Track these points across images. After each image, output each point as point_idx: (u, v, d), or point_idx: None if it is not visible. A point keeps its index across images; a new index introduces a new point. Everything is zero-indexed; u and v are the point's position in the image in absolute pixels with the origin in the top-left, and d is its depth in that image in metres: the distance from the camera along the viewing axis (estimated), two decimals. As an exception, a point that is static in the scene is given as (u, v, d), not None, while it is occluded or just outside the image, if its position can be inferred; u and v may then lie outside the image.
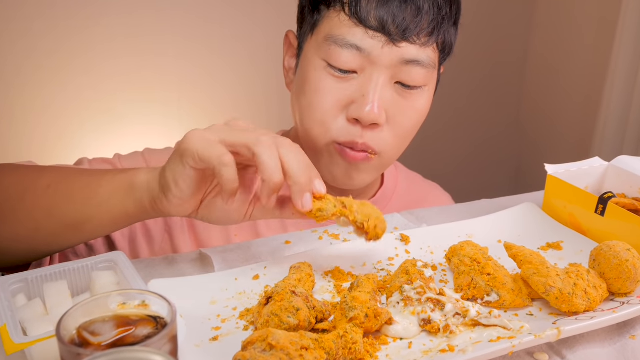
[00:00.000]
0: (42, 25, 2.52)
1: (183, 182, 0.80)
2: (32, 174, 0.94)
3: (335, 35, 1.03)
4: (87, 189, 0.88)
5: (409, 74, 1.05)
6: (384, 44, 1.02)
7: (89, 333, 0.58)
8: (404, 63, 1.04)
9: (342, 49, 1.03)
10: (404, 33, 1.01)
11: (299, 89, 1.11)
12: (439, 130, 3.39)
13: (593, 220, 0.96)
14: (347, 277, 0.88)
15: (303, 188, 0.77)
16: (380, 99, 1.03)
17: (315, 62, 1.07)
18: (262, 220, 1.17)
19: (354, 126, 1.06)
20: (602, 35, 2.93)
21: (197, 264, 0.94)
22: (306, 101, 1.08)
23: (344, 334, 0.68)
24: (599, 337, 0.76)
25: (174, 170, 0.80)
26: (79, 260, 0.80)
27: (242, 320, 0.77)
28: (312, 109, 1.07)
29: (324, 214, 0.79)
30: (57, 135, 2.69)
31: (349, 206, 0.81)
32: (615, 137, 2.81)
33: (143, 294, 0.62)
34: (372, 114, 1.02)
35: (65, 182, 0.90)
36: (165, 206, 0.83)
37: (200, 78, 2.86)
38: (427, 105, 1.12)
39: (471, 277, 0.81)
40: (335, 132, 1.07)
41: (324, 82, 1.06)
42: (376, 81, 1.03)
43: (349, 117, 1.05)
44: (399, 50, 1.02)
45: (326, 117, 1.06)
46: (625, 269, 0.79)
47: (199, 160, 0.76)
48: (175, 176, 0.80)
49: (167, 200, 0.82)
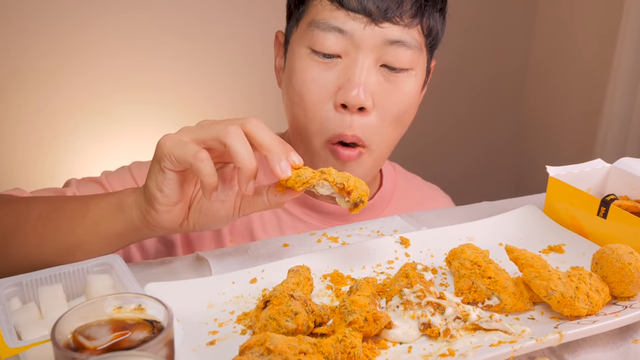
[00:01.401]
0: (38, 26, 2.52)
1: (167, 187, 0.82)
2: (23, 206, 0.95)
3: (318, 20, 1.05)
4: (75, 216, 0.90)
5: (394, 54, 1.05)
6: (366, 25, 1.03)
7: (85, 337, 0.58)
8: (388, 44, 1.04)
9: (325, 32, 1.04)
10: (385, 13, 1.02)
11: (287, 82, 1.12)
12: (441, 134, 3.41)
13: (595, 223, 0.96)
14: (346, 281, 0.88)
15: (279, 155, 0.81)
16: (366, 82, 1.04)
17: (300, 51, 1.08)
18: (258, 226, 1.18)
19: (342, 115, 1.06)
20: (604, 37, 2.93)
21: (194, 268, 0.94)
22: (294, 93, 1.09)
23: (343, 338, 0.68)
24: (601, 342, 0.76)
25: (155, 178, 0.82)
26: (74, 263, 0.80)
27: (239, 324, 0.77)
28: (302, 101, 1.08)
29: (302, 179, 0.82)
30: (52, 137, 2.69)
31: (327, 171, 0.84)
32: (617, 138, 2.81)
33: (139, 297, 0.62)
34: (358, 98, 1.03)
35: (54, 212, 0.92)
36: (155, 217, 0.85)
37: (197, 79, 2.86)
38: (416, 91, 1.11)
39: (472, 281, 0.82)
40: (326, 125, 1.07)
41: (309, 70, 1.07)
42: (361, 64, 1.04)
43: (336, 104, 1.06)
44: (382, 30, 1.03)
45: (316, 108, 1.07)
46: (628, 272, 0.79)
47: (176, 162, 0.80)
48: (157, 184, 0.82)
49: (155, 211, 0.84)
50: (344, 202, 0.86)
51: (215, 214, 0.89)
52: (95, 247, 0.89)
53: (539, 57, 3.44)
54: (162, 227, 0.87)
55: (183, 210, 0.87)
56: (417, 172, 1.43)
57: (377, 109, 1.07)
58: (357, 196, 0.85)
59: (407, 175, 1.40)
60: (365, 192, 0.86)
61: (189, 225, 0.89)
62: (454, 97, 3.40)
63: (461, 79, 3.38)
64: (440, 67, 1.31)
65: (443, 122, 3.42)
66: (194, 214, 0.88)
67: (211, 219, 0.89)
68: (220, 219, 0.89)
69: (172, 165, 0.80)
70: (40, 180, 2.69)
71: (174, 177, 0.82)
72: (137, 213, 0.86)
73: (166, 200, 0.83)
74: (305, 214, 1.20)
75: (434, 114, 3.31)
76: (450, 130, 3.50)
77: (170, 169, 0.81)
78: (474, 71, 3.43)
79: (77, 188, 1.10)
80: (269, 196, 0.87)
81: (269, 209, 0.90)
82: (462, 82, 3.39)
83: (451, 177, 3.14)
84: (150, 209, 0.85)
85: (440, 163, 3.48)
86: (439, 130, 3.43)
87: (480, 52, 3.40)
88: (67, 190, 1.09)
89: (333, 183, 0.84)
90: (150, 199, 0.84)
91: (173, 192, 0.83)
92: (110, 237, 0.89)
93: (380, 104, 1.07)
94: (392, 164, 1.36)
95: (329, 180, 0.84)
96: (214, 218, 0.89)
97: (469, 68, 3.39)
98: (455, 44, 3.25)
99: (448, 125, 3.47)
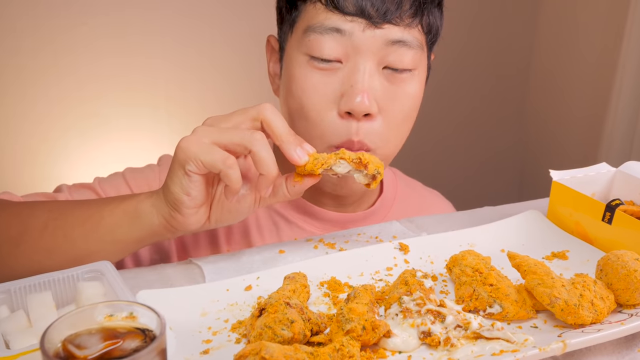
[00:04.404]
0: (25, 25, 2.52)
1: (194, 190, 0.86)
2: (26, 213, 0.96)
3: (314, 25, 1.03)
4: (88, 224, 0.92)
5: (396, 55, 1.04)
6: (365, 27, 1.01)
7: (75, 346, 0.58)
8: (389, 44, 1.03)
9: (323, 35, 1.02)
10: (385, 15, 1.01)
11: (286, 91, 1.10)
12: (443, 138, 3.42)
13: (600, 229, 0.97)
14: (344, 288, 0.88)
15: (294, 144, 0.87)
16: (369, 87, 1.03)
17: (298, 58, 1.06)
18: (256, 233, 1.18)
19: (347, 121, 1.04)
20: (609, 38, 2.94)
21: (187, 274, 0.94)
22: (295, 103, 1.07)
23: (341, 347, 0.68)
24: (606, 351, 0.77)
25: (180, 183, 0.86)
26: (64, 270, 0.80)
27: (234, 332, 0.77)
28: (303, 109, 1.06)
29: (319, 160, 0.89)
30: (40, 140, 2.69)
31: (341, 151, 0.91)
32: (623, 141, 2.81)
33: (131, 305, 0.62)
34: (362, 105, 1.01)
35: (63, 219, 0.94)
36: (181, 221, 0.89)
37: (189, 80, 2.86)
38: (419, 92, 1.11)
39: (473, 288, 0.82)
40: (330, 135, 1.06)
41: (309, 78, 1.05)
42: (363, 69, 1.03)
43: (340, 112, 1.04)
44: (382, 31, 1.02)
45: (319, 116, 1.05)
46: (633, 280, 0.79)
47: (202, 167, 0.83)
48: (184, 188, 0.86)
49: (182, 215, 0.88)
50: (362, 177, 0.92)
51: (238, 209, 0.93)
52: (109, 254, 0.92)
53: (542, 60, 3.45)
54: (186, 229, 0.90)
55: (207, 210, 0.91)
56: (419, 176, 1.44)
57: (382, 113, 1.05)
58: (374, 168, 0.91)
59: (408, 180, 1.39)
60: (380, 164, 0.92)
61: (211, 223, 0.93)
62: (457, 100, 3.42)
63: (464, 81, 3.39)
64: (443, 70, 1.32)
65: (445, 126, 3.43)
66: (215, 212, 0.92)
67: (233, 214, 0.93)
68: (241, 213, 0.94)
69: (198, 169, 0.84)
70: (30, 184, 2.69)
71: (199, 180, 0.86)
72: (159, 219, 0.90)
73: (193, 203, 0.87)
74: (304, 221, 1.19)
75: (436, 117, 3.32)
76: (453, 134, 3.51)
77: (196, 172, 0.84)
78: (476, 74, 3.44)
79: (70, 194, 1.10)
80: (288, 187, 0.92)
81: (289, 199, 0.94)
82: (464, 84, 3.40)
83: (453, 181, 3.15)
84: (175, 214, 0.88)
85: (442, 167, 3.49)
86: (441, 134, 3.44)
87: (483, 55, 3.42)
88: (58, 195, 1.09)
89: (349, 160, 0.90)
90: (176, 204, 0.87)
91: (200, 193, 0.87)
92: (128, 244, 0.92)
93: (385, 108, 1.05)
94: (391, 169, 1.36)
95: (345, 158, 0.90)
96: (236, 212, 0.93)
97: (471, 71, 3.40)
98: (457, 46, 3.26)
99: (450, 128, 3.48)
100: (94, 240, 0.92)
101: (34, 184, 2.67)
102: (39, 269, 0.91)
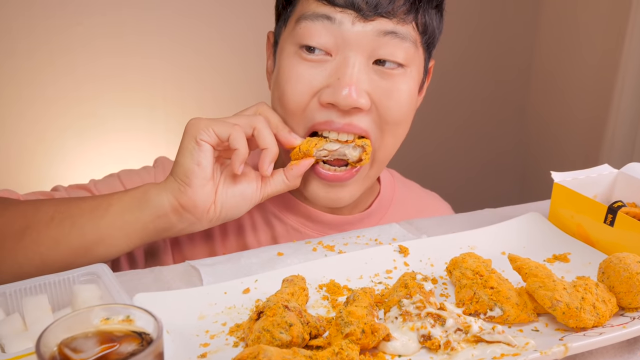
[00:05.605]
0: (21, 25, 2.52)
1: (204, 159, 0.95)
2: (31, 209, 0.98)
3: (306, 13, 1.03)
4: (96, 211, 0.96)
5: (387, 47, 1.03)
6: (355, 19, 1.01)
7: (71, 350, 0.58)
8: (381, 35, 1.02)
9: (314, 22, 1.02)
10: (376, 8, 1.01)
11: (274, 83, 1.10)
12: (443, 139, 3.42)
13: (602, 231, 0.97)
14: (343, 291, 0.88)
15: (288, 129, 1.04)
16: (358, 81, 1.01)
17: (289, 49, 1.06)
18: (250, 232, 1.18)
19: (327, 110, 1.03)
20: (610, 40, 2.95)
21: (184, 277, 0.94)
22: (279, 91, 1.07)
23: (340, 351, 0.68)
24: (608, 354, 0.77)
25: (191, 154, 0.95)
26: (60, 273, 0.80)
27: (231, 336, 0.77)
28: (285, 98, 1.05)
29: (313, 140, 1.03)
30: (37, 140, 2.69)
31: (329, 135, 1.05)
32: (625, 142, 2.81)
33: (127, 308, 0.62)
34: (349, 98, 1.00)
35: (70, 210, 0.97)
36: (190, 195, 0.96)
37: (186, 80, 2.86)
38: (412, 91, 1.09)
39: (473, 291, 0.82)
40: (310, 116, 1.05)
41: (296, 68, 1.04)
42: (352, 63, 1.02)
43: (322, 102, 1.03)
44: (373, 24, 1.01)
45: (295, 104, 1.05)
46: (636, 282, 0.79)
47: (214, 134, 0.95)
48: (194, 157, 0.95)
49: (191, 186, 0.96)
50: (351, 150, 1.04)
51: (241, 194, 1.01)
52: (117, 241, 0.96)
53: (543, 62, 3.46)
54: (194, 206, 0.96)
55: (212, 191, 0.99)
56: (420, 177, 1.43)
57: (378, 110, 1.04)
58: (362, 142, 1.04)
59: (406, 182, 1.39)
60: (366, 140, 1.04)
61: (217, 209, 0.99)
62: (457, 101, 3.42)
63: (465, 83, 3.39)
64: (444, 72, 1.32)
65: (446, 127, 3.43)
66: (221, 196, 1.00)
67: (238, 199, 1.01)
68: (246, 201, 1.02)
69: (209, 137, 0.95)
70: (27, 185, 2.69)
71: (209, 150, 0.96)
72: (168, 198, 0.96)
73: (202, 173, 0.95)
74: (300, 224, 1.19)
75: (437, 119, 3.32)
76: (454, 135, 3.51)
77: (207, 141, 0.95)
78: (477, 76, 3.45)
79: (67, 194, 1.11)
80: (286, 173, 1.03)
81: (289, 188, 1.05)
82: (466, 86, 3.41)
83: (453, 183, 3.15)
84: (185, 187, 0.95)
85: (443, 169, 3.49)
86: (443, 136, 3.44)
87: (484, 57, 3.42)
88: (55, 194, 1.10)
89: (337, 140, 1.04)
90: (187, 175, 0.95)
91: (209, 164, 0.96)
92: (137, 228, 0.97)
93: (378, 104, 1.04)
94: (389, 170, 1.36)
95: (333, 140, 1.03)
96: (240, 200, 1.01)
97: (472, 72, 3.41)
98: (458, 48, 3.27)
99: (452, 130, 3.48)
100: (103, 225, 0.95)
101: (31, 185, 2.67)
102: (43, 261, 0.94)
